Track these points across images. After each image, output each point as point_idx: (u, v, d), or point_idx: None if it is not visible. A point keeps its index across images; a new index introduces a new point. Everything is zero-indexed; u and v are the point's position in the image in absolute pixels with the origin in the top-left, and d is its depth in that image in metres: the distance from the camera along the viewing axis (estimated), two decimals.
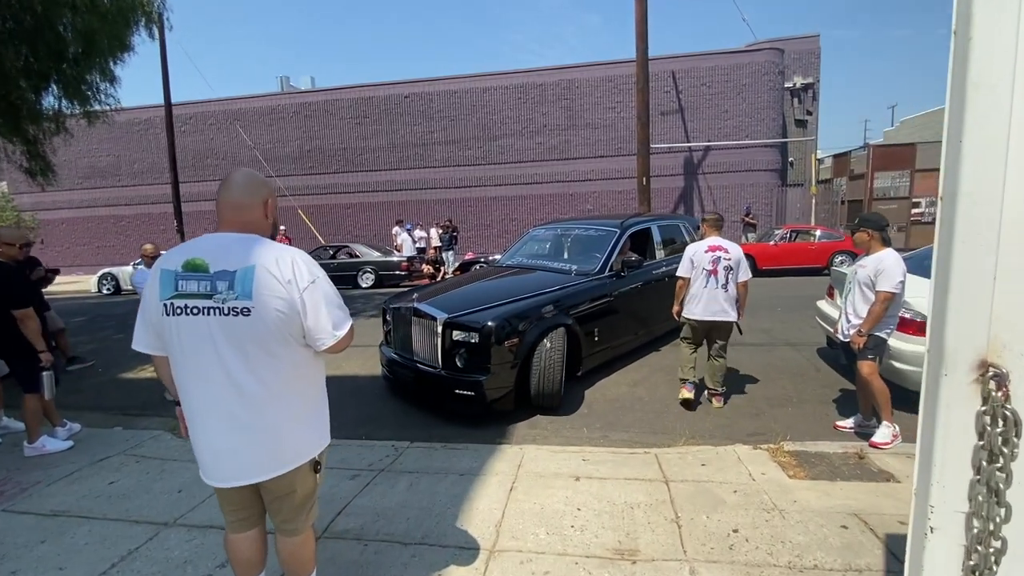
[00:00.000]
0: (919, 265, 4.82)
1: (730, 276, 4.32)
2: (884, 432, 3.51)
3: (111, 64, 9.06)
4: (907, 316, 3.94)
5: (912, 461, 1.10)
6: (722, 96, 18.00)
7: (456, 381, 4.19)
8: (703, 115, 18.19)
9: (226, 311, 1.59)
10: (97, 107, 9.20)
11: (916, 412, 1.12)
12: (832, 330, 4.72)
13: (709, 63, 18.01)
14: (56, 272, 6.56)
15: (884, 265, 3.49)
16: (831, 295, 5.25)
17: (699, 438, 3.84)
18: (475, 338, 4.11)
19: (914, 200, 17.48)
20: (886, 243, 3.65)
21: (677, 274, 4.61)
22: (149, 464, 3.59)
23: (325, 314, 1.66)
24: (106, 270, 15.95)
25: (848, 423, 3.91)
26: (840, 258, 12.01)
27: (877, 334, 3.56)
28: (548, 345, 4.32)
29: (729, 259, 4.33)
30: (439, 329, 4.26)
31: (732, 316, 4.35)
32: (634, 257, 5.68)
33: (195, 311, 1.59)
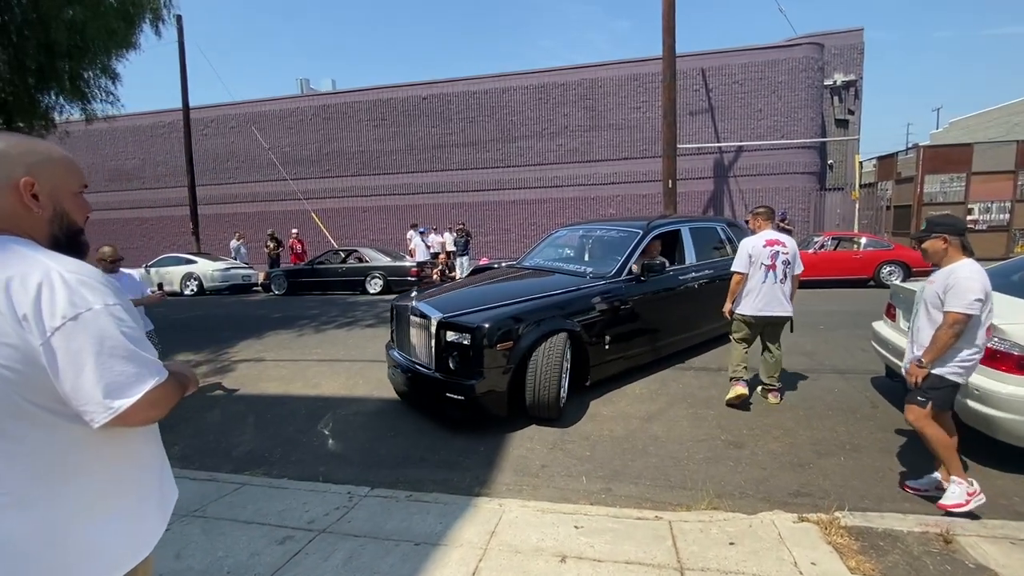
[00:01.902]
0: (1005, 281, 3.93)
1: (788, 270, 4.31)
2: (956, 492, 2.73)
3: (111, 61, 8.79)
4: (1002, 349, 3.08)
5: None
6: (756, 94, 16.96)
7: (448, 384, 3.95)
8: (735, 115, 17.18)
9: None
10: (98, 106, 8.94)
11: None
12: (897, 361, 3.87)
13: (742, 60, 17.00)
14: None
15: (955, 278, 2.70)
16: (891, 316, 4.37)
17: (727, 497, 3.05)
18: (467, 339, 3.88)
19: (969, 206, 16.04)
20: (967, 251, 2.82)
21: (733, 269, 4.46)
22: None
23: (92, 373, 1.00)
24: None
25: (922, 484, 3.07)
26: (888, 268, 10.90)
27: (941, 373, 2.77)
28: (545, 351, 3.98)
29: (787, 253, 4.32)
30: (433, 329, 4.04)
31: (790, 311, 4.34)
32: (658, 261, 5.17)
33: None
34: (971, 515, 2.70)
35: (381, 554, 2.48)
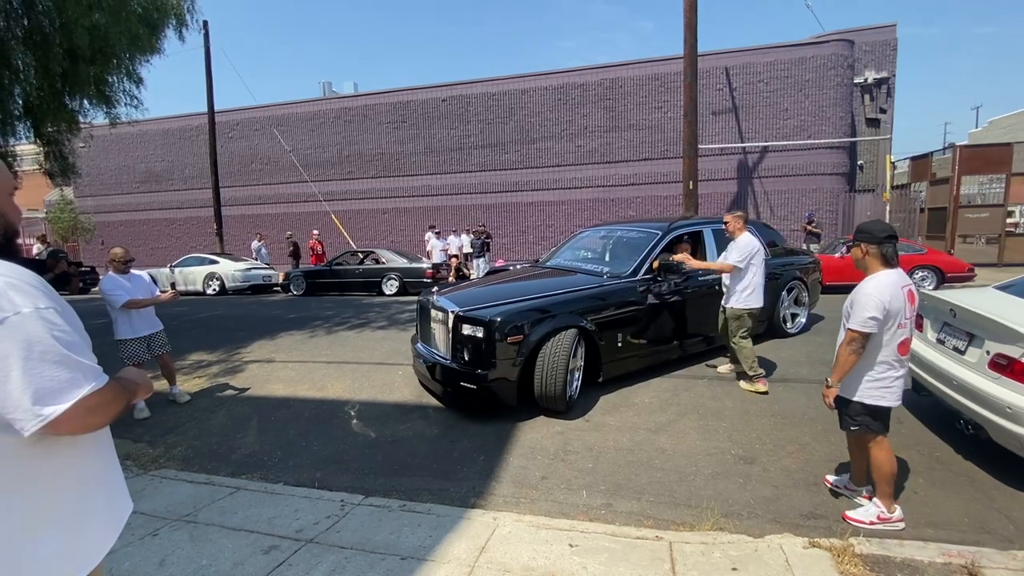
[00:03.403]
0: None
1: None
2: (870, 510, 2.76)
3: (135, 66, 8.99)
4: None
5: None
6: (782, 93, 16.48)
7: (462, 373, 4.20)
8: (760, 114, 16.73)
9: None
10: (123, 110, 9.15)
11: None
12: (924, 375, 3.64)
13: (767, 58, 16.55)
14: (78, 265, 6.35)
15: (859, 294, 2.60)
16: (919, 327, 4.11)
17: (734, 517, 2.88)
18: (480, 332, 4.10)
19: (1009, 208, 15.27)
20: (887, 262, 2.64)
21: (739, 263, 4.66)
22: None
23: (20, 379, 0.95)
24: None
25: (840, 480, 3.11)
26: (921, 274, 10.42)
27: (860, 400, 2.65)
28: (553, 346, 4.14)
29: None
30: (451, 322, 4.30)
31: None
32: (674, 262, 5.13)
33: None
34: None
35: (365, 568, 2.40)
